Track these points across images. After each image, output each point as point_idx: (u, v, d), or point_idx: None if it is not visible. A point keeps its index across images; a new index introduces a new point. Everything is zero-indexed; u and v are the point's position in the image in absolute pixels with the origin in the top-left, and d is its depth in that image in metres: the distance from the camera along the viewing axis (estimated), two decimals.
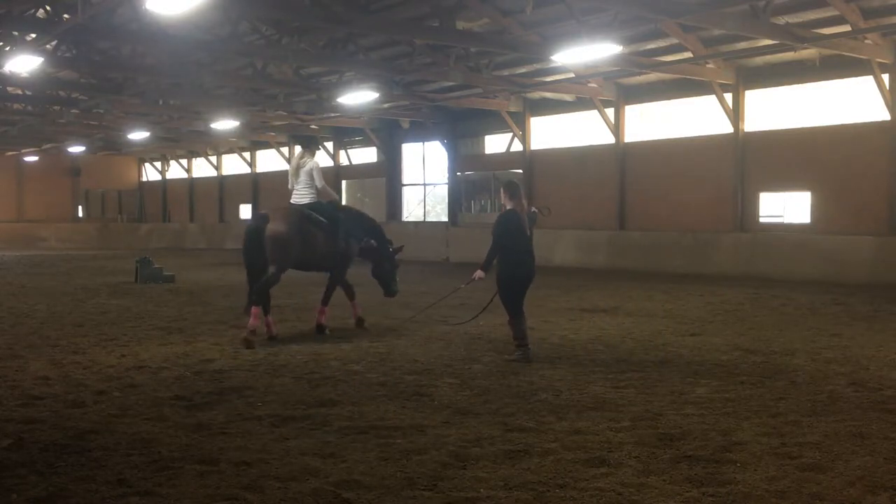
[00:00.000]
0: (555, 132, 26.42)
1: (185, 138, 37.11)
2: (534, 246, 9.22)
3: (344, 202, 10.12)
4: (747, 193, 21.17)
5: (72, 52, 21.50)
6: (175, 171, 47.01)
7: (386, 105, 26.26)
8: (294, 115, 29.37)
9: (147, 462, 5.47)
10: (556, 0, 17.02)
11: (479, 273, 9.22)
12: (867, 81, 18.42)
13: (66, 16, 16.69)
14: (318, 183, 10.82)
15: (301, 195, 10.90)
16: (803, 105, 20.15)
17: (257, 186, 40.35)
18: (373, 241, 10.95)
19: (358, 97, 22.63)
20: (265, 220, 10.55)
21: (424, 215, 31.94)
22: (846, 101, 19.30)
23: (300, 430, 6.25)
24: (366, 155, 34.31)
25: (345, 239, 11.05)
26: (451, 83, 23.58)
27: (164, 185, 47.86)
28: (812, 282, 17.68)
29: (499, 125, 27.54)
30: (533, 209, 9.55)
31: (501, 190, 9.34)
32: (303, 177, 10.86)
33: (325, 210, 10.88)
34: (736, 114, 21.08)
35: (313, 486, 4.99)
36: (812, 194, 19.95)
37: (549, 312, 12.91)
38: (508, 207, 9.11)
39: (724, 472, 5.16)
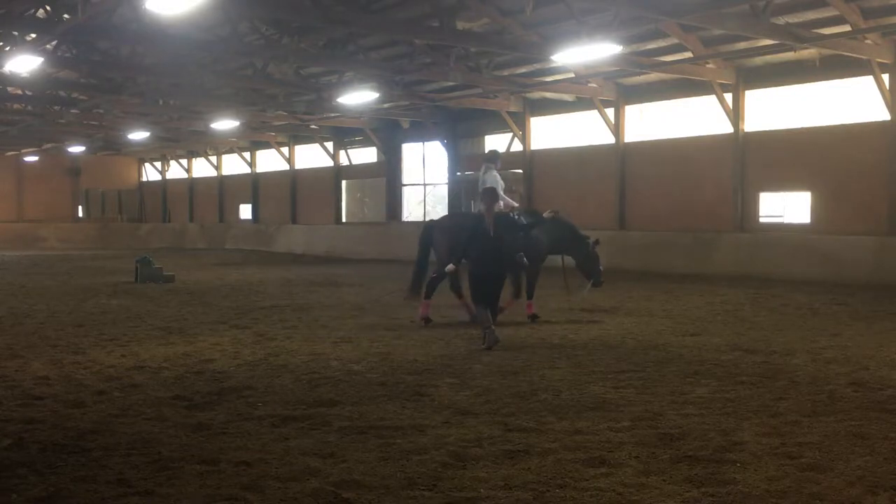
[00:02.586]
0: (555, 132, 26.43)
1: (185, 138, 37.13)
2: (502, 245, 10.23)
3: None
4: (747, 193, 21.18)
5: (72, 52, 21.52)
6: (175, 171, 47.03)
7: (386, 105, 26.27)
8: (294, 115, 29.37)
9: (147, 462, 5.47)
10: (556, 0, 17.03)
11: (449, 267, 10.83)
12: (867, 81, 18.43)
13: (66, 16, 16.70)
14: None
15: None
16: (803, 105, 20.15)
17: (257, 186, 40.36)
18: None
19: (358, 97, 22.63)
20: (432, 224, 12.60)
21: (424, 215, 31.91)
22: (846, 101, 19.30)
23: (300, 430, 6.25)
24: (366, 155, 34.32)
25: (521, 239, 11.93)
26: (451, 83, 23.58)
27: (164, 185, 47.87)
28: (812, 282, 17.67)
29: (499, 125, 27.55)
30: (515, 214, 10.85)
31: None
32: (482, 187, 12.01)
33: (499, 215, 11.92)
34: (736, 114, 21.08)
35: (313, 486, 4.99)
36: (812, 194, 19.96)
37: (549, 312, 12.91)
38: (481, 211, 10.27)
39: (724, 472, 5.16)
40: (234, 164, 42.19)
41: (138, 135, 34.01)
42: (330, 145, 35.13)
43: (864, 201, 18.88)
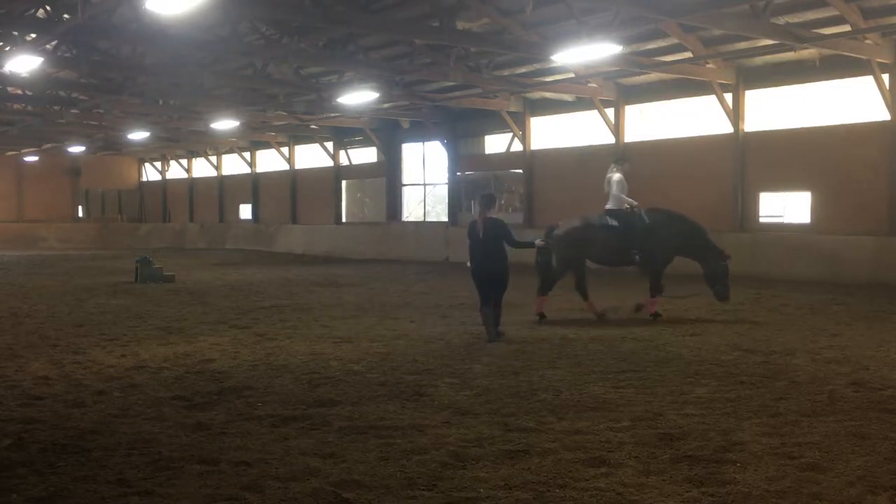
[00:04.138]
0: (555, 132, 26.41)
1: (185, 138, 37.10)
2: (493, 248, 10.57)
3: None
4: (747, 193, 21.17)
5: (72, 52, 21.49)
6: (175, 171, 47.01)
7: (386, 105, 26.25)
8: (294, 115, 29.36)
9: (147, 462, 5.47)
10: (556, 0, 17.02)
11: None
12: (867, 81, 18.41)
13: (66, 16, 16.70)
14: (614, 191, 12.69)
15: (608, 202, 12.84)
16: (803, 105, 20.13)
17: (257, 186, 40.34)
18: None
19: (358, 97, 22.62)
20: (555, 226, 12.97)
21: (424, 215, 31.94)
22: (846, 101, 19.28)
23: (300, 430, 6.26)
24: (366, 155, 34.30)
25: (641, 239, 12.47)
26: (451, 83, 23.57)
27: (164, 185, 47.85)
28: (812, 282, 17.67)
29: (499, 125, 27.54)
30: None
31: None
32: (606, 187, 12.86)
33: (619, 215, 12.65)
34: (736, 114, 21.07)
35: (313, 486, 5.00)
36: (812, 194, 19.95)
37: (549, 312, 12.90)
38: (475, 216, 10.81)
39: (724, 472, 5.16)
40: (234, 164, 42.18)
41: (138, 135, 33.99)
42: (330, 145, 35.11)
43: (864, 201, 18.87)
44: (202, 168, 44.64)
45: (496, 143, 28.77)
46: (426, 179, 31.77)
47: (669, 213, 13.11)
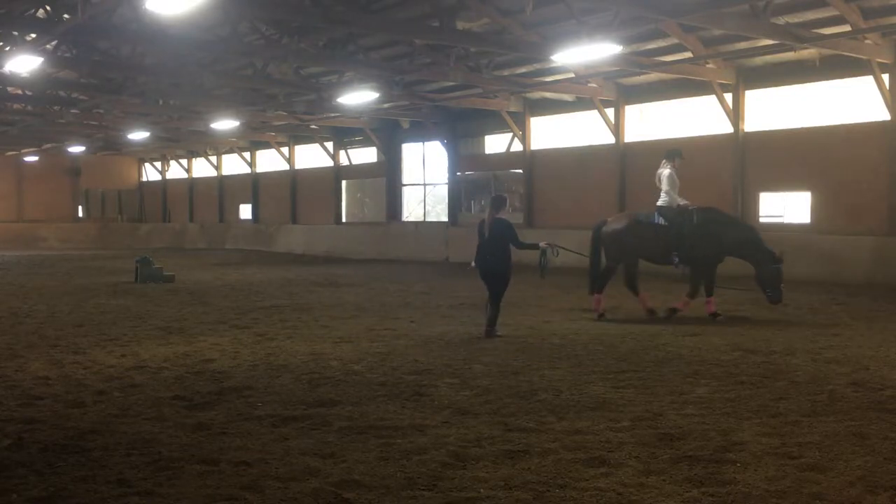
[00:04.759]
0: (555, 132, 26.40)
1: (185, 138, 37.10)
2: (498, 248, 10.83)
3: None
4: (747, 193, 21.16)
5: (72, 52, 21.50)
6: (175, 171, 47.01)
7: (386, 105, 26.25)
8: (294, 115, 29.36)
9: (147, 462, 5.47)
10: (556, 0, 17.02)
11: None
12: (867, 81, 18.41)
13: (66, 16, 16.70)
14: (666, 188, 12.64)
15: (660, 199, 12.78)
16: (803, 105, 20.12)
17: (257, 186, 40.34)
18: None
19: (358, 97, 22.62)
20: (603, 223, 13.14)
21: (424, 215, 31.93)
22: (846, 101, 19.27)
23: (300, 430, 6.26)
24: (366, 155, 34.30)
25: (691, 238, 12.38)
26: (451, 83, 23.57)
27: (164, 185, 47.85)
28: (812, 282, 17.66)
29: (499, 125, 27.53)
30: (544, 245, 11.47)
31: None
32: (658, 183, 12.83)
33: (668, 213, 12.62)
34: (736, 114, 21.07)
35: (313, 486, 5.00)
36: (812, 194, 19.94)
37: (549, 312, 12.91)
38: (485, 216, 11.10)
39: (724, 472, 5.16)
40: (234, 164, 42.18)
41: (138, 135, 33.99)
42: (330, 145, 35.11)
43: (864, 201, 18.87)
44: (202, 168, 44.64)
45: (496, 143, 28.77)
46: (426, 179, 31.77)
47: (719, 213, 13.06)
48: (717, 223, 12.63)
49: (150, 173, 49.25)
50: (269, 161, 39.54)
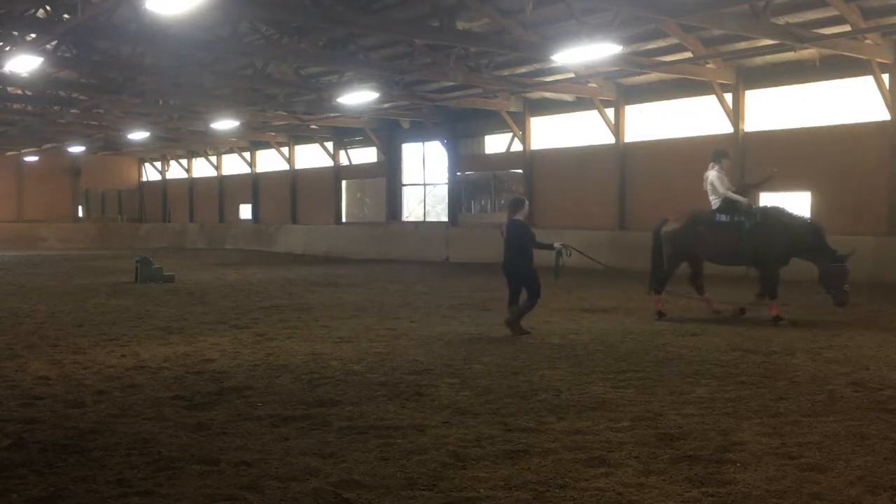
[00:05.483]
0: (555, 132, 26.41)
1: (185, 138, 37.11)
2: (513, 249, 10.99)
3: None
4: (747, 193, 21.12)
5: (72, 52, 21.50)
6: (175, 171, 47.01)
7: (386, 105, 26.25)
8: (294, 115, 29.36)
9: (147, 462, 5.47)
10: (556, 0, 17.02)
11: None
12: (867, 81, 18.41)
13: (66, 16, 16.70)
14: (720, 190, 12.45)
15: (711, 201, 12.63)
16: (803, 105, 20.13)
17: (257, 186, 40.34)
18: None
19: (358, 97, 22.62)
20: (663, 222, 13.02)
21: (424, 215, 31.93)
22: (846, 101, 19.28)
23: (300, 430, 6.26)
24: (366, 155, 34.31)
25: (753, 239, 12.10)
26: (451, 83, 23.57)
27: (164, 185, 47.86)
28: (812, 282, 17.60)
29: (499, 125, 27.54)
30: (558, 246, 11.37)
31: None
32: (707, 185, 12.62)
33: (729, 211, 12.34)
34: (736, 114, 21.07)
35: (313, 486, 4.99)
36: (812, 194, 19.93)
37: (550, 312, 12.90)
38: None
39: (724, 472, 5.16)
40: (234, 164, 42.18)
41: (138, 135, 34.00)
42: (330, 145, 35.12)
43: (864, 201, 18.86)
44: (202, 168, 44.64)
45: (496, 143, 28.77)
46: (426, 179, 31.77)
47: (782, 211, 12.56)
48: (778, 222, 12.16)
49: (150, 173, 49.26)
50: (269, 161, 39.55)
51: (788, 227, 12.19)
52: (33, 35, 17.61)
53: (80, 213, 48.10)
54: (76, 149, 40.15)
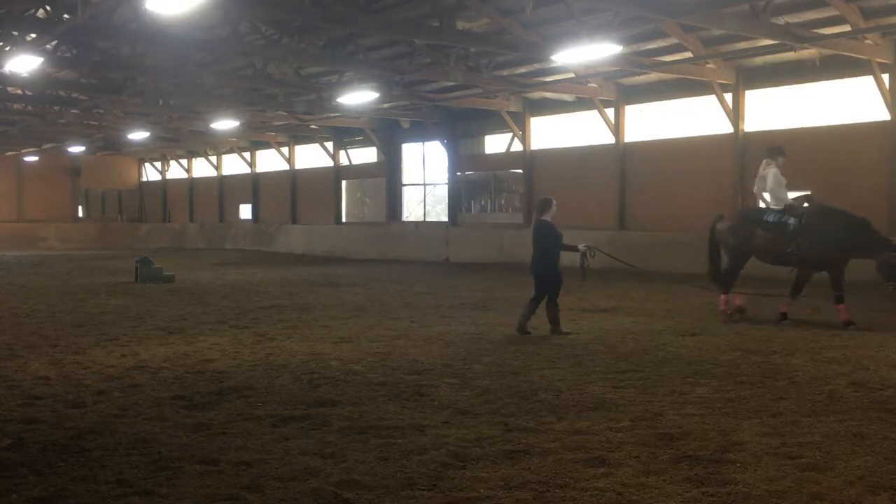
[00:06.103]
0: (555, 132, 26.40)
1: (185, 138, 37.11)
2: (540, 250, 11.11)
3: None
4: (747, 193, 21.14)
5: (72, 52, 21.50)
6: (175, 171, 47.00)
7: (386, 105, 26.25)
8: (294, 115, 29.36)
9: (147, 462, 5.47)
10: (556, 0, 17.02)
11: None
12: (867, 81, 18.41)
13: (66, 16, 16.69)
14: (768, 187, 12.38)
15: (765, 199, 12.55)
16: (803, 105, 20.12)
17: (257, 186, 40.34)
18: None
19: (358, 97, 22.62)
20: (719, 219, 12.98)
21: (424, 215, 31.93)
22: (846, 101, 19.27)
23: (300, 430, 6.26)
24: (366, 155, 34.30)
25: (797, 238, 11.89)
26: (451, 83, 23.56)
27: (164, 185, 47.85)
28: (812, 282, 17.62)
29: (499, 125, 27.53)
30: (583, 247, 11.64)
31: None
32: (761, 183, 12.52)
33: (781, 209, 12.23)
34: (736, 114, 21.06)
35: (313, 486, 5.00)
36: (812, 194, 19.91)
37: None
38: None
39: (724, 472, 5.16)
40: (234, 164, 42.17)
41: (138, 135, 34.00)
42: (330, 145, 35.11)
43: (864, 201, 18.80)
44: (202, 168, 44.64)
45: (496, 143, 28.76)
46: (426, 179, 31.76)
47: (830, 210, 12.23)
48: (828, 220, 11.84)
49: (150, 173, 49.25)
50: (269, 161, 39.54)
51: (835, 225, 11.81)
52: (33, 35, 17.61)
53: (80, 213, 48.09)
54: (76, 149, 40.15)
